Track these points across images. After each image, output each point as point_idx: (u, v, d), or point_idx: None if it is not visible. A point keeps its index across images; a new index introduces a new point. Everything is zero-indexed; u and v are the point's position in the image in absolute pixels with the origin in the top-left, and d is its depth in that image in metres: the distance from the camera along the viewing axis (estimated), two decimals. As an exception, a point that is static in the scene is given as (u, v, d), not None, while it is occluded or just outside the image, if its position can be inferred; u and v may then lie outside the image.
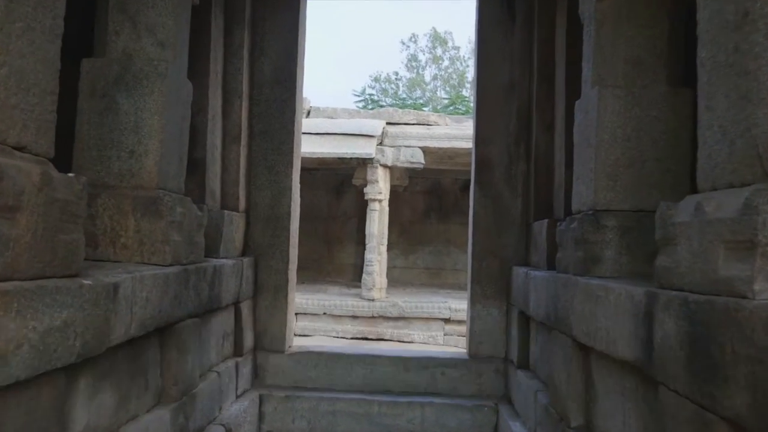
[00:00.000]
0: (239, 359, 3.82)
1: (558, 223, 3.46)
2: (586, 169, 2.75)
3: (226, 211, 3.70)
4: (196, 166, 3.63)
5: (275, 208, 4.25)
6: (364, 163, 8.42)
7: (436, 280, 11.50)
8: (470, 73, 29.17)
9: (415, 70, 29.26)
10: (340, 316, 8.25)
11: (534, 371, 3.60)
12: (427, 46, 29.26)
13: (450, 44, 29.21)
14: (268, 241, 4.23)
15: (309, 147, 8.01)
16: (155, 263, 2.62)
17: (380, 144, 8.48)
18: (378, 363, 4.17)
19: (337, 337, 8.13)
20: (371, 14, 39.30)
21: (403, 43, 30.60)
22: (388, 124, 8.73)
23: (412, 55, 29.28)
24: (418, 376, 4.14)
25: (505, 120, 4.25)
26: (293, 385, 4.15)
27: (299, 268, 11.49)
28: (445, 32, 29.16)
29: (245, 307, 3.97)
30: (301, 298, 8.25)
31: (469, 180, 11.22)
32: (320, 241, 11.58)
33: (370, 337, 8.16)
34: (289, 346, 4.33)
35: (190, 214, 2.91)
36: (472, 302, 4.22)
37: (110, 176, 2.68)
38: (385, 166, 8.48)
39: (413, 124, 8.84)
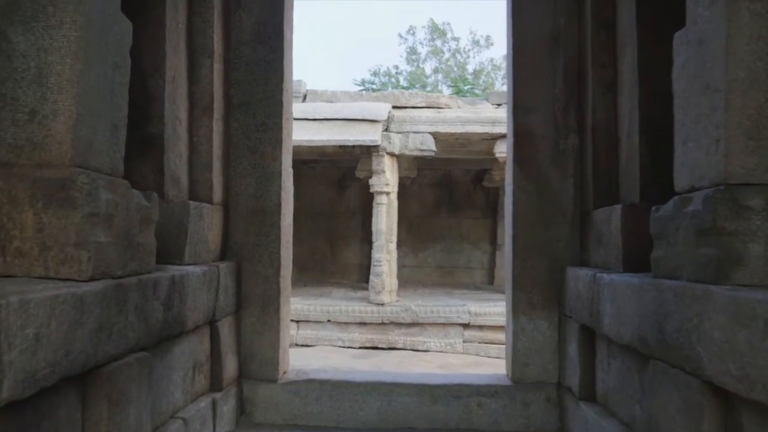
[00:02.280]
0: (217, 395, 2.93)
1: (637, 209, 2.57)
2: (706, 126, 1.85)
3: (193, 202, 2.81)
4: (150, 144, 2.75)
5: (261, 199, 3.36)
6: (368, 151, 7.53)
7: (449, 279, 10.62)
8: (471, 65, 28.35)
9: (415, 63, 28.50)
10: (346, 323, 7.36)
11: (606, 406, 2.71)
12: (425, 38, 28.59)
13: (449, 35, 28.52)
14: (253, 240, 3.34)
15: (306, 135, 7.14)
16: (67, 277, 1.74)
17: (386, 130, 7.58)
18: (397, 392, 3.28)
19: (344, 347, 7.24)
20: (368, 8, 38.41)
21: (401, 36, 29.79)
22: (395, 107, 7.83)
23: (411, 47, 28.57)
24: (448, 408, 3.25)
25: (549, 82, 3.35)
26: (290, 423, 3.27)
27: (301, 269, 10.67)
28: (444, 23, 28.45)
29: (224, 327, 3.08)
30: (302, 304, 7.38)
31: (483, 171, 10.37)
32: (322, 240, 10.71)
33: (380, 345, 7.28)
34: (284, 372, 3.44)
35: (127, 205, 2.02)
36: (514, 313, 3.32)
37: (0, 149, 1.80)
38: (392, 154, 7.58)
39: (422, 107, 7.94)
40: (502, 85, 22.15)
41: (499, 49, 30.24)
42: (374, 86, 20.52)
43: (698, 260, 1.80)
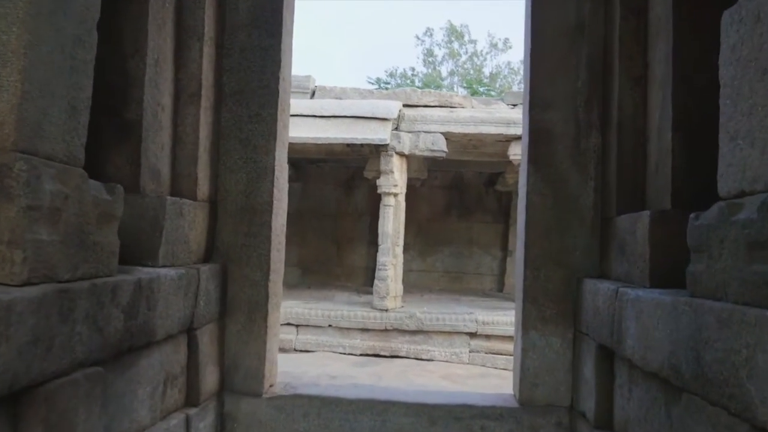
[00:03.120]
0: (192, 411, 2.66)
1: (668, 216, 2.27)
2: (762, 119, 1.55)
3: (170, 197, 2.55)
4: (127, 132, 2.49)
5: (252, 196, 3.09)
6: (377, 150, 7.25)
7: (457, 285, 10.31)
8: (488, 68, 28.02)
9: (431, 66, 28.30)
10: (347, 328, 7.08)
11: (626, 439, 2.40)
12: (443, 40, 28.43)
13: (467, 38, 28.30)
14: (241, 241, 3.07)
15: (313, 132, 6.88)
16: (-2, 281, 1.48)
17: (396, 129, 7.30)
18: (392, 411, 2.99)
19: (344, 353, 6.97)
20: (386, 10, 38.23)
21: (418, 38, 29.56)
22: (406, 106, 7.55)
23: (427, 49, 28.40)
24: (448, 431, 2.95)
25: (570, 75, 3.05)
26: (275, 441, 2.99)
27: (305, 271, 10.41)
28: (462, 26, 28.25)
29: (205, 335, 2.81)
30: (303, 308, 7.12)
31: (496, 174, 10.05)
32: (328, 241, 10.45)
33: (382, 353, 6.99)
34: (271, 386, 3.16)
35: (80, 198, 1.76)
36: (524, 327, 3.02)
37: (-74, 128, 1.55)
38: (401, 154, 7.29)
39: (434, 106, 7.65)
40: (519, 87, 21.78)
41: (518, 52, 29.87)
42: (388, 86, 20.28)
43: (749, 279, 1.50)
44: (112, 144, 2.50)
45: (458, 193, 10.44)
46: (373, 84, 19.05)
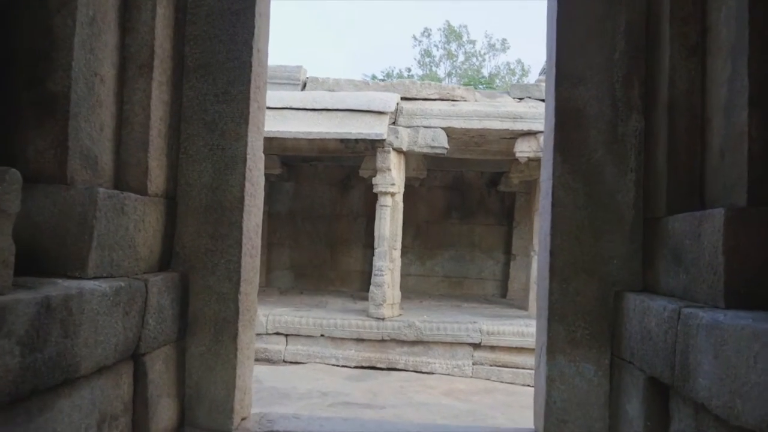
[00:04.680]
0: (138, 459, 2.12)
1: (747, 215, 1.75)
2: None
3: (105, 190, 2.00)
4: (50, 107, 1.95)
5: (219, 192, 2.55)
6: (373, 147, 6.72)
7: (457, 290, 9.77)
8: (487, 69, 27.54)
9: (428, 67, 27.88)
10: (341, 338, 6.53)
11: (691, 503, 1.86)
12: (440, 41, 28.09)
13: (465, 38, 27.98)
14: (206, 245, 2.53)
15: (304, 126, 6.35)
16: None
17: (393, 123, 6.77)
18: (389, 454, 2.44)
19: (338, 365, 6.42)
20: (384, 11, 37.81)
21: (416, 39, 29.15)
22: (404, 99, 7.02)
23: (425, 50, 28.06)
24: (458, 479, 2.41)
25: (605, 44, 2.52)
26: (246, 488, 2.45)
27: (298, 276, 9.81)
28: (460, 26, 27.94)
29: (157, 361, 2.27)
30: (293, 316, 6.58)
31: (498, 174, 9.50)
32: (322, 245, 9.90)
33: (379, 365, 6.44)
34: (243, 419, 2.62)
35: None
36: (550, 351, 2.48)
37: None
38: (399, 150, 6.76)
39: (434, 99, 7.11)
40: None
41: (515, 52, 29.51)
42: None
43: None
44: (32, 122, 1.96)
45: (459, 193, 9.91)
46: (367, 77, 18.54)
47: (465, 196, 9.92)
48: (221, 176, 2.54)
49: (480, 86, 19.72)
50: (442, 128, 6.82)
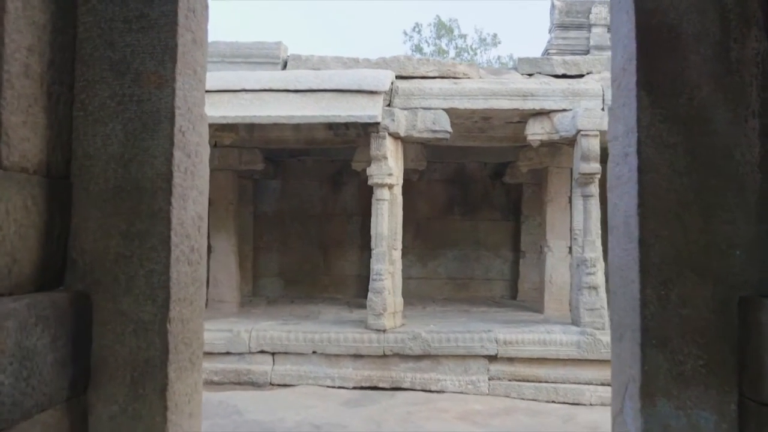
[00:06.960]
0: None
1: None
2: None
3: None
4: None
5: (134, 166, 1.68)
6: (366, 132, 5.86)
7: (463, 293, 8.91)
8: (478, 63, 26.95)
9: (419, 63, 27.26)
10: (336, 355, 5.66)
11: None
12: (431, 36, 27.60)
13: (456, 33, 27.50)
14: (116, 248, 1.66)
15: (285, 110, 5.50)
16: None
17: (388, 105, 5.91)
18: None
19: (333, 387, 5.54)
20: (374, 7, 37.10)
21: (406, 34, 28.54)
22: (399, 78, 6.16)
23: (416, 45, 27.49)
24: None
25: (709, -74, 1.68)
26: None
27: (288, 283, 8.75)
28: (451, 20, 27.39)
29: (26, 439, 1.40)
30: (279, 331, 5.72)
31: (503, 165, 8.55)
32: (314, 247, 9.03)
33: (381, 385, 5.56)
34: (185, 506, 1.75)
35: None
36: (645, 393, 1.62)
37: None
38: (395, 135, 5.90)
39: (434, 77, 6.26)
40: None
41: (507, 47, 28.94)
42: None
43: None
44: None
45: (461, 187, 9.07)
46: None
47: (467, 190, 9.09)
48: (137, 142, 1.67)
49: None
50: (444, 109, 5.97)
